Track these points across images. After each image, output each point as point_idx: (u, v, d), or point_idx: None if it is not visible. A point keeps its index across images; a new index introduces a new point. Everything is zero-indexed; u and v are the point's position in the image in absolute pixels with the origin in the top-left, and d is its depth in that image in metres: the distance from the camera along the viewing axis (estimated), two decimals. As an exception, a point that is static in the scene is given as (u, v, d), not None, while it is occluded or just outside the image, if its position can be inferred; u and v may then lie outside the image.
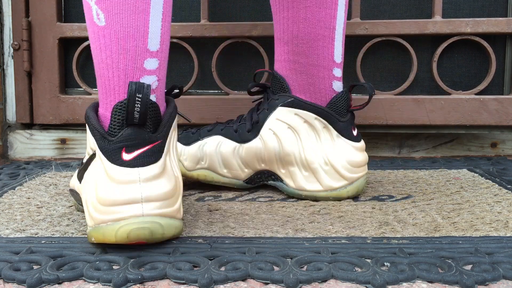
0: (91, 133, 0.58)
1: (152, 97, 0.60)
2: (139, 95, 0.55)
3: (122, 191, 0.54)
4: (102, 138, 0.57)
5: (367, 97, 0.87)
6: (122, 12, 0.59)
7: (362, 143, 0.78)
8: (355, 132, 0.78)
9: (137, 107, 0.55)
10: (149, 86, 0.55)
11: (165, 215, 0.56)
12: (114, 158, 0.56)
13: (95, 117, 0.59)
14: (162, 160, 0.57)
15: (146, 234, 0.55)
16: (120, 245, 0.56)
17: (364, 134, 0.95)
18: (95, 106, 0.62)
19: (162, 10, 0.61)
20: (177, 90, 0.69)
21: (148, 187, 0.55)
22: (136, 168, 0.55)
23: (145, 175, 0.55)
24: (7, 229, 0.64)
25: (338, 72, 0.78)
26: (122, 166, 0.55)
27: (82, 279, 0.51)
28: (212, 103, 1.06)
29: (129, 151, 0.56)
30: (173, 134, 0.61)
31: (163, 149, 0.57)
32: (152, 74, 0.61)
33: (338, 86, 0.78)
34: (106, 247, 0.57)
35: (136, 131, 0.56)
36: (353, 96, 1.04)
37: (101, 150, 0.57)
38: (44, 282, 0.50)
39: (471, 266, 0.52)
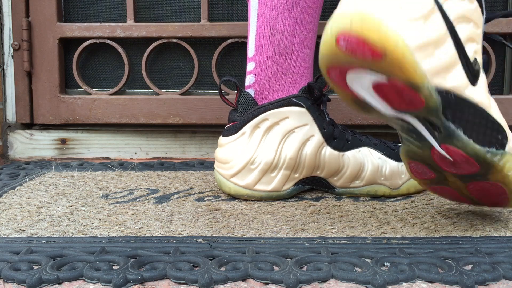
0: None
1: (250, 90, 0.79)
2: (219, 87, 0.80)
3: None
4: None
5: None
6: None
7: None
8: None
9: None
10: (221, 80, 0.80)
11: None
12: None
13: None
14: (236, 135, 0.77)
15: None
16: (119, 245, 0.56)
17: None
18: None
19: (257, 22, 0.78)
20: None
21: None
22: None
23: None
24: (7, 229, 0.64)
25: None
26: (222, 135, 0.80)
27: (82, 279, 0.51)
28: (212, 103, 1.06)
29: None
30: (265, 123, 0.76)
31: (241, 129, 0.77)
32: (249, 74, 0.80)
33: None
34: (106, 247, 0.57)
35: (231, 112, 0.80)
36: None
37: None
38: (44, 282, 0.50)
39: (471, 266, 0.52)
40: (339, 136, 0.77)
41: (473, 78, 0.54)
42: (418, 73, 0.48)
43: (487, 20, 0.61)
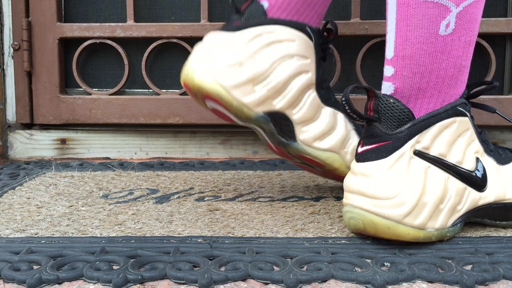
0: None
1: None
2: (342, 98, 0.59)
3: None
4: None
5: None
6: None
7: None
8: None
9: (344, 107, 0.59)
10: (347, 88, 0.59)
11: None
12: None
13: None
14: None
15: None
16: (119, 245, 0.56)
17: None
18: None
19: (396, 18, 0.61)
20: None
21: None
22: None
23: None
24: (7, 229, 0.64)
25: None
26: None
27: (82, 279, 0.51)
28: (212, 103, 1.06)
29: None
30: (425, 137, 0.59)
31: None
32: (387, 81, 0.62)
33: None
34: (106, 247, 0.57)
35: (366, 127, 0.61)
36: (353, 96, 1.04)
37: None
38: (44, 282, 0.50)
39: (471, 266, 0.52)
40: (327, 87, 0.75)
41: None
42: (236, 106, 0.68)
43: (471, 97, 0.66)
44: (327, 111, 0.74)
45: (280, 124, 0.70)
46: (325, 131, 0.73)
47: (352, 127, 0.76)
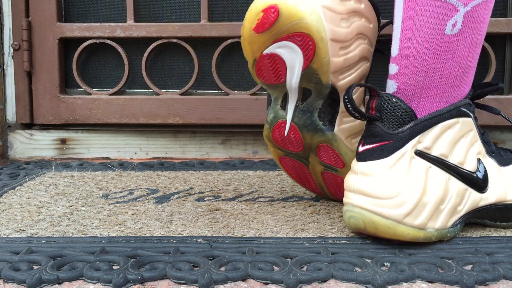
0: None
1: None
2: (345, 96, 0.58)
3: None
4: None
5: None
6: None
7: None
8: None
9: (347, 106, 0.58)
10: (351, 87, 0.59)
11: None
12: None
13: None
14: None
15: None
16: (119, 245, 0.56)
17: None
18: None
19: (402, 15, 0.61)
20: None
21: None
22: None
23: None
24: (7, 229, 0.64)
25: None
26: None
27: (82, 279, 0.51)
28: (212, 103, 1.06)
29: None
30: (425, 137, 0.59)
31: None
32: (391, 79, 0.62)
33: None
34: (106, 247, 0.57)
35: (367, 126, 0.60)
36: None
37: None
38: (44, 282, 0.50)
39: (471, 266, 0.52)
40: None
41: None
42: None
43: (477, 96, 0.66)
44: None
45: (329, 104, 0.66)
46: (359, 129, 0.69)
47: None
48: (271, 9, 0.59)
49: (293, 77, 0.63)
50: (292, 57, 0.62)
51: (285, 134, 0.68)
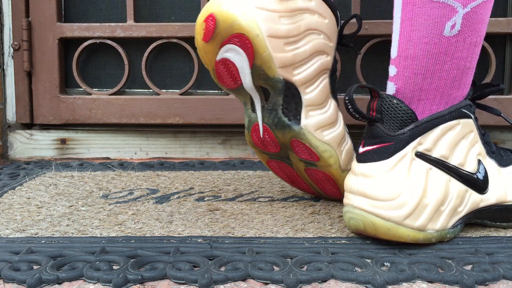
0: None
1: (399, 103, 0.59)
2: (346, 97, 0.58)
3: None
4: None
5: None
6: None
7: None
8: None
9: (347, 106, 0.59)
10: (351, 87, 0.58)
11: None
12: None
13: None
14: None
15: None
16: (119, 245, 0.56)
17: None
18: None
19: (401, 17, 0.61)
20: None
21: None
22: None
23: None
24: (7, 229, 0.64)
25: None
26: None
27: (82, 279, 0.51)
28: (212, 103, 1.06)
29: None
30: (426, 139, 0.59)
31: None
32: (390, 81, 0.62)
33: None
34: (106, 247, 0.57)
35: (368, 127, 0.60)
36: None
37: None
38: (44, 282, 0.50)
39: (471, 266, 0.52)
40: (335, 78, 0.74)
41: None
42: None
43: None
44: (333, 103, 0.72)
45: (290, 100, 0.67)
46: (329, 122, 0.70)
47: (346, 130, 0.75)
48: (210, 18, 0.63)
49: (246, 77, 0.66)
50: (239, 58, 0.65)
51: (261, 136, 0.70)
